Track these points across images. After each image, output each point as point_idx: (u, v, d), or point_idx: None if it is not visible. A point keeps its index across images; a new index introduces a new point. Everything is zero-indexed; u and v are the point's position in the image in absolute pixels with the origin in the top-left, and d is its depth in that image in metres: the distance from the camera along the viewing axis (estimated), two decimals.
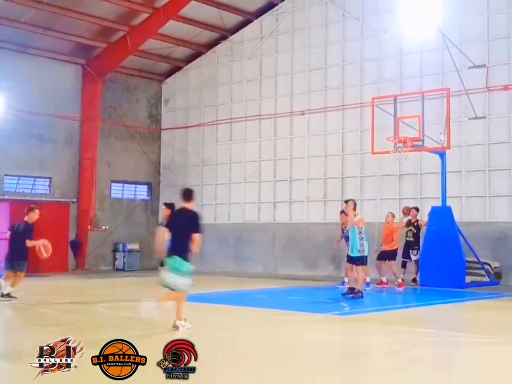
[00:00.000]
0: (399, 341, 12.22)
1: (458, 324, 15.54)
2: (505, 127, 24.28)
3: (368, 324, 14.60)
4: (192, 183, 32.32)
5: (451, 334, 13.01)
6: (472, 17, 25.28)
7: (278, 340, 12.09)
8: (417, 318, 15.98)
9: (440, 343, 12.15)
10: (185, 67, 33.70)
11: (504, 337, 12.30)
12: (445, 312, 17.22)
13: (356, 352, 11.29)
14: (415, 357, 10.66)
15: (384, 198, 26.78)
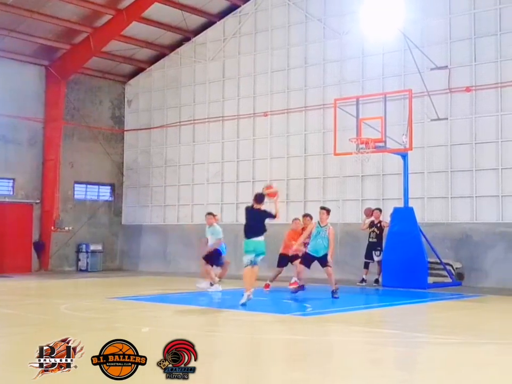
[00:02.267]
0: (361, 341, 11.88)
1: (420, 324, 15.08)
2: (467, 129, 23.56)
3: (331, 324, 14.15)
4: (155, 184, 31.90)
5: (413, 334, 12.66)
6: (434, 19, 24.56)
7: (239, 340, 11.85)
8: (380, 318, 15.65)
9: (402, 343, 11.76)
10: (148, 68, 32.75)
11: (465, 338, 11.99)
12: (407, 313, 16.74)
13: (318, 352, 10.87)
14: (376, 357, 10.33)
15: (347, 199, 26.09)
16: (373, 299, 19.74)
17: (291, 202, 27.42)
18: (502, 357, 10.27)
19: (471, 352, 10.68)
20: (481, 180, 23.17)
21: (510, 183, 22.61)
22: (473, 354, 10.53)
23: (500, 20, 23.13)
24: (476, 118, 23.36)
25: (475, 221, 23.15)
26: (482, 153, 23.20)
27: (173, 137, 31.63)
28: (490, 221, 22.81)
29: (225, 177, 29.74)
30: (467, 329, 13.49)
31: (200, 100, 30.76)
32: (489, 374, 9.02)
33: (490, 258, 22.57)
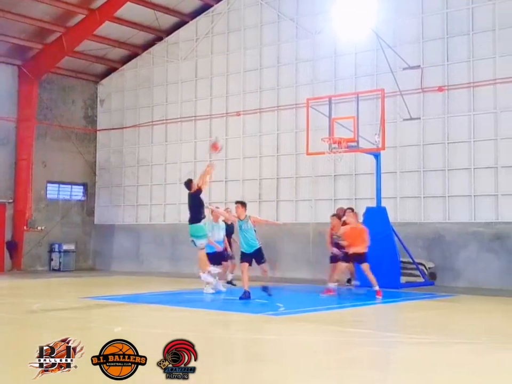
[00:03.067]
0: (334, 341, 11.58)
1: (393, 324, 14.79)
2: (439, 128, 23.07)
3: (304, 324, 13.65)
4: (127, 183, 31.29)
5: (386, 334, 12.38)
6: (406, 18, 24.04)
7: (212, 340, 11.33)
8: (352, 318, 15.16)
9: (375, 343, 11.41)
10: (120, 68, 32.06)
11: (438, 338, 11.63)
12: (379, 313, 16.46)
13: (292, 352, 10.53)
14: (350, 357, 10.01)
15: (319, 198, 25.52)
16: (346, 299, 19.04)
17: (263, 202, 26.93)
18: (474, 356, 10.02)
19: (444, 352, 10.38)
20: (453, 179, 22.74)
21: (483, 183, 22.19)
22: (446, 354, 10.23)
23: (472, 19, 22.68)
24: (449, 118, 22.92)
25: (447, 221, 22.74)
26: (454, 153, 22.78)
27: (145, 137, 31.04)
28: (462, 221, 22.39)
29: (197, 176, 28.48)
30: (440, 328, 13.21)
31: (173, 100, 30.17)
32: (462, 374, 8.79)
33: (463, 258, 22.18)
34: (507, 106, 21.84)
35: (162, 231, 29.75)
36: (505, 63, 21.95)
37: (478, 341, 11.36)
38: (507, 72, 21.84)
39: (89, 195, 32.50)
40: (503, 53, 21.99)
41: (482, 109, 22.29)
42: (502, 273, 21.35)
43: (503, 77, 21.90)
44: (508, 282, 21.02)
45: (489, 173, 22.04)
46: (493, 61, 22.17)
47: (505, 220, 21.58)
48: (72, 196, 32.28)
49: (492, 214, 21.86)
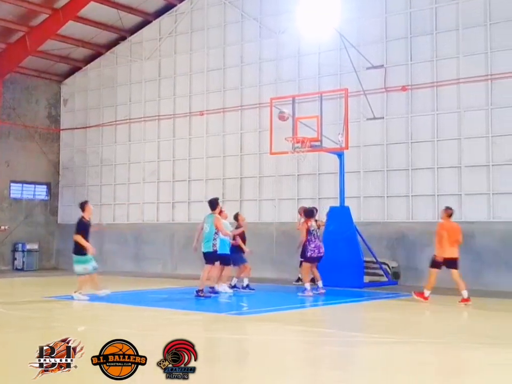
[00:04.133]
0: (297, 340, 11.47)
1: (357, 323, 14.39)
2: (403, 128, 22.33)
3: (266, 323, 13.35)
4: (91, 183, 30.28)
5: (349, 333, 12.06)
6: (370, 18, 23.26)
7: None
8: (316, 317, 15.02)
9: (338, 342, 11.23)
10: (84, 68, 31.03)
11: (401, 337, 11.45)
12: (343, 312, 15.96)
13: (254, 351, 10.40)
14: (312, 356, 9.87)
15: (283, 198, 24.74)
16: (309, 298, 18.19)
17: (227, 202, 25.94)
18: (437, 356, 9.89)
19: (407, 351, 10.17)
20: (417, 179, 22.06)
21: (446, 182, 21.52)
22: (409, 353, 10.01)
23: (435, 19, 21.95)
24: (412, 117, 22.21)
25: (411, 220, 22.03)
26: (418, 152, 22.07)
27: (109, 136, 30.03)
28: (426, 220, 21.64)
29: (161, 176, 28.29)
30: (403, 328, 12.90)
31: (136, 99, 29.21)
32: (425, 373, 8.61)
33: (426, 257, 20.96)
34: (470, 105, 21.16)
35: (126, 231, 28.83)
36: (468, 62, 21.29)
37: (441, 340, 11.14)
38: (470, 71, 21.19)
39: (53, 195, 31.49)
40: (467, 53, 21.30)
41: (446, 108, 21.59)
42: (464, 272, 20.34)
43: (467, 77, 21.22)
44: (471, 281, 20.02)
45: (453, 173, 21.37)
46: (456, 61, 21.49)
47: (468, 219, 20.87)
48: (35, 195, 31.28)
49: (455, 214, 21.04)
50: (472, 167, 21.04)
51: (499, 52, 20.76)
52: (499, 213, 20.51)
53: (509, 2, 20.75)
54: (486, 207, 20.73)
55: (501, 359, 9.54)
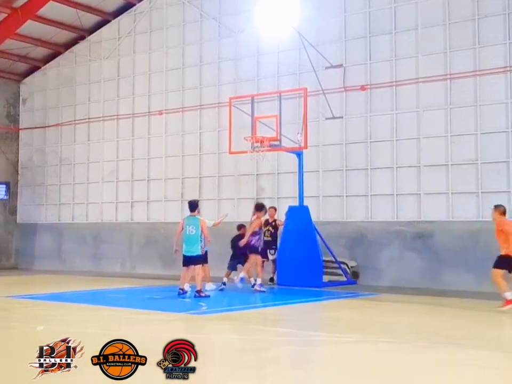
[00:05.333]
0: (257, 339, 10.86)
1: (316, 323, 13.93)
2: (362, 127, 21.42)
3: (226, 322, 13.09)
4: (50, 182, 28.95)
5: (309, 333, 11.64)
6: (329, 18, 22.27)
7: (134, 339, 9.88)
8: (275, 317, 14.46)
9: (297, 342, 10.84)
10: (43, 67, 29.63)
11: (361, 336, 11.06)
12: (302, 312, 15.39)
13: (213, 351, 9.92)
14: (272, 356, 9.46)
15: (242, 197, 23.76)
16: (268, 298, 17.87)
17: (186, 201, 24.81)
18: (397, 355, 9.48)
19: (367, 351, 9.80)
20: (376, 178, 21.13)
21: (405, 182, 20.66)
22: (369, 353, 9.65)
23: (394, 18, 21.03)
24: (371, 117, 21.26)
25: (370, 220, 21.12)
26: (377, 151, 21.15)
27: (68, 135, 28.72)
28: (385, 220, 20.84)
29: (120, 175, 27.08)
30: (362, 327, 12.51)
31: (95, 99, 27.94)
32: (385, 373, 8.28)
33: (385, 257, 20.69)
34: (429, 105, 20.29)
35: (85, 230, 27.62)
36: (427, 62, 20.39)
37: (401, 339, 10.80)
38: (429, 71, 20.30)
39: (12, 194, 30.04)
40: (426, 52, 20.39)
41: (405, 107, 20.68)
42: (424, 272, 20.00)
43: (426, 76, 20.34)
44: (430, 281, 19.67)
45: (412, 172, 20.49)
46: (416, 60, 20.57)
47: (427, 218, 20.12)
48: None
49: (414, 213, 20.38)
50: (431, 167, 20.19)
51: (458, 51, 19.91)
52: (458, 213, 19.68)
53: (467, 1, 19.90)
54: (445, 206, 19.89)
55: (461, 359, 9.16)
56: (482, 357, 9.29)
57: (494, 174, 19.26)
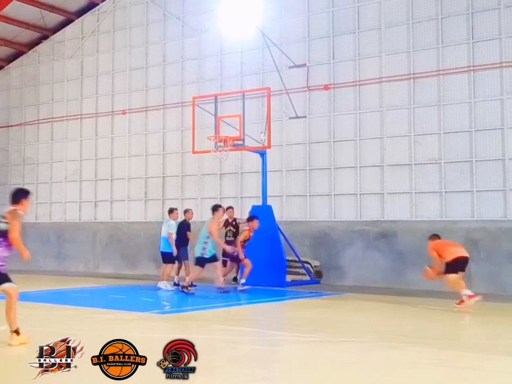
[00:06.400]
0: (220, 339, 10.80)
1: (279, 322, 13.57)
2: (325, 126, 20.64)
3: (189, 322, 12.81)
4: (13, 182, 27.59)
5: (271, 332, 11.45)
6: (292, 17, 21.49)
7: (96, 338, 9.50)
8: (238, 316, 13.96)
9: (261, 341, 10.65)
10: (6, 66, 28.55)
11: (324, 336, 10.87)
12: (265, 311, 15.10)
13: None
14: (235, 355, 9.33)
15: (205, 197, 22.86)
16: (232, 297, 17.28)
17: (149, 201, 24.24)
18: (359, 355, 9.34)
19: (329, 350, 9.64)
20: (339, 178, 20.38)
21: (368, 182, 19.93)
22: (332, 352, 9.51)
23: (358, 18, 20.25)
24: (334, 116, 20.49)
25: (334, 219, 20.35)
26: (340, 151, 20.38)
27: (31, 135, 27.64)
28: (348, 219, 20.09)
29: (83, 175, 26.08)
30: (325, 327, 12.18)
31: (59, 98, 26.88)
32: (347, 372, 8.18)
33: (349, 256, 19.95)
34: (393, 104, 19.54)
35: (48, 230, 26.55)
36: (391, 61, 19.66)
37: (364, 339, 10.55)
38: (393, 70, 19.58)
39: None
40: (389, 52, 19.64)
41: (368, 107, 19.95)
42: (387, 271, 19.31)
43: (389, 76, 19.61)
44: (393, 280, 18.99)
45: (375, 172, 19.76)
46: (379, 60, 19.83)
47: (390, 218, 19.41)
48: None
49: (377, 213, 19.65)
50: (395, 166, 19.47)
51: (421, 50, 19.21)
52: (421, 212, 19.00)
53: (430, 1, 19.20)
54: (408, 206, 19.18)
55: (422, 358, 8.94)
56: (441, 356, 9.12)
57: (457, 173, 18.64)
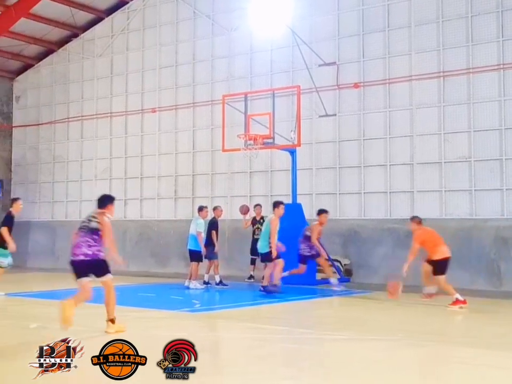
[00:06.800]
0: (249, 337, 10.86)
1: (309, 320, 13.67)
2: (355, 125, 21.24)
3: (220, 320, 13.16)
4: (43, 180, 28.70)
5: (301, 330, 11.61)
6: (322, 15, 22.09)
7: (127, 336, 9.73)
8: (269, 314, 14.25)
9: (290, 339, 10.75)
10: (36, 65, 29.38)
11: (353, 334, 11.04)
12: (295, 309, 15.38)
13: (206, 348, 9.75)
14: (264, 354, 9.44)
15: (235, 195, 23.54)
16: (261, 295, 17.55)
17: (179, 199, 24.94)
18: (388, 353, 9.49)
19: (359, 348, 9.77)
20: (369, 176, 20.97)
21: (398, 180, 20.49)
22: (362, 350, 9.64)
23: (388, 16, 20.87)
24: (364, 114, 21.11)
25: (363, 217, 20.95)
26: (370, 149, 20.99)
27: (61, 133, 28.45)
28: (378, 217, 20.68)
29: (113, 173, 26.86)
30: (355, 325, 12.38)
31: (89, 96, 27.69)
32: (376, 370, 8.26)
33: (378, 254, 20.48)
34: (423, 103, 20.13)
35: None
36: (420, 59, 20.24)
37: (392, 337, 10.74)
38: (423, 68, 20.16)
39: (5, 192, 29.61)
40: (419, 50, 20.24)
41: (398, 105, 20.53)
42: (417, 269, 19.79)
43: (419, 74, 20.19)
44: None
45: (405, 170, 20.35)
46: (409, 58, 20.43)
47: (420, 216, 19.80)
48: None
49: (407, 211, 20.18)
50: (424, 164, 20.06)
51: (451, 48, 19.77)
52: (451, 210, 19.55)
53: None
54: (438, 204, 19.75)
55: (450, 356, 9.21)
56: (469, 354, 9.26)
57: (487, 171, 19.14)
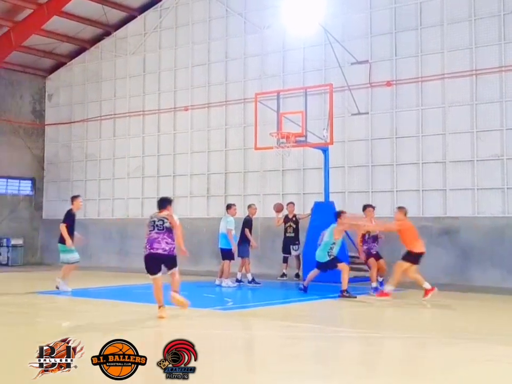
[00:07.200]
0: (281, 335, 11.18)
1: (341, 318, 14.22)
2: (387, 123, 21.87)
3: (252, 318, 13.41)
4: (75, 178, 29.61)
5: (333, 328, 11.86)
6: (355, 13, 22.74)
7: (159, 334, 10.99)
8: (301, 312, 14.54)
9: (322, 337, 10.90)
10: (69, 63, 30.28)
11: (385, 332, 11.44)
12: (327, 307, 15.72)
13: (239, 346, 10.36)
14: (296, 352, 9.66)
15: (267, 193, 24.21)
16: (293, 293, 18.20)
17: (211, 197, 25.67)
18: (419, 351, 9.77)
19: (392, 346, 10.16)
20: (402, 174, 21.59)
21: (430, 178, 21.08)
22: (394, 348, 10.03)
23: (420, 14, 21.48)
24: (397, 113, 21.74)
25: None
26: (402, 147, 21.61)
27: (93, 131, 29.35)
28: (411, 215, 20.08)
29: (145, 171, 27.68)
30: (388, 323, 12.95)
31: (121, 94, 28.55)
32: (407, 368, 8.55)
33: None
34: (455, 101, 20.71)
35: (111, 226, 28.23)
36: (453, 57, 20.81)
37: (426, 335, 11.02)
38: (455, 67, 20.74)
39: (37, 190, 30.77)
40: (451, 48, 20.83)
41: (430, 103, 21.13)
42: (450, 267, 20.33)
43: (451, 72, 20.77)
44: (456, 276, 20.00)
45: (437, 168, 20.94)
46: (441, 56, 21.02)
47: (453, 214, 20.52)
48: (20, 190, 30.49)
49: (440, 209, 20.81)
50: (457, 162, 20.62)
51: (483, 47, 20.34)
52: (483, 208, 20.11)
53: None
54: (471, 202, 20.31)
55: (487, 355, 9.32)
56: (507, 352, 9.51)
57: None
